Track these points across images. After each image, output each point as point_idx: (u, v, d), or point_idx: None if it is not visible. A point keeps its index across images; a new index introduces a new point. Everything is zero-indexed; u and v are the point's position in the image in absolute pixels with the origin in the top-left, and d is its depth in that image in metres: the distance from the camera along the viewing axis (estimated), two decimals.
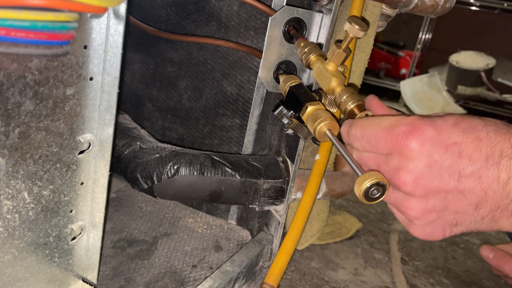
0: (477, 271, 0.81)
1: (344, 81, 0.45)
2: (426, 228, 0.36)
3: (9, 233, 0.37)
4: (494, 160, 0.32)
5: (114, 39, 0.39)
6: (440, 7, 0.63)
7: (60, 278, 0.45)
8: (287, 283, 0.67)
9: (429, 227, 0.36)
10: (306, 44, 0.50)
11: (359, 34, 0.41)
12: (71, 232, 0.44)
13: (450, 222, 0.35)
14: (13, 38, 0.27)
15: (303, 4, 0.56)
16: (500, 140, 0.32)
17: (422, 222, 0.36)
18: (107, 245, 0.60)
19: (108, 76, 0.40)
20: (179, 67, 0.70)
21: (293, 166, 0.60)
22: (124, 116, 0.72)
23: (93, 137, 0.42)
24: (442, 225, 0.35)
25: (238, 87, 0.65)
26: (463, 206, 0.33)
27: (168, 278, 0.56)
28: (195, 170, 0.56)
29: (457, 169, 0.33)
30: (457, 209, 0.34)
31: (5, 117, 0.32)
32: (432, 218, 0.35)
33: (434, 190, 0.34)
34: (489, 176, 0.32)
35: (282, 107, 0.47)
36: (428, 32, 2.87)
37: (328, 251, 0.78)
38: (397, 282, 0.73)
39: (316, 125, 0.41)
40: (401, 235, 0.90)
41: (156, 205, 0.73)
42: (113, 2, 0.34)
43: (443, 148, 0.33)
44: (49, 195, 0.40)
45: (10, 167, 0.35)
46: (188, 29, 0.67)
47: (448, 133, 0.33)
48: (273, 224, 0.66)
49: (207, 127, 0.70)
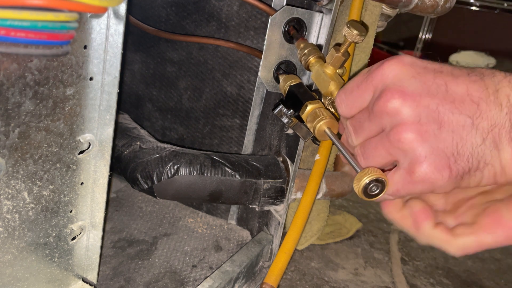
0: (477, 271, 0.81)
1: (342, 84, 0.45)
2: (429, 161, 0.30)
3: (9, 233, 0.37)
4: (475, 75, 0.31)
5: (114, 39, 0.39)
6: (440, 7, 0.63)
7: (60, 278, 0.45)
8: (287, 283, 0.67)
9: (432, 157, 0.30)
10: (305, 46, 0.50)
11: (357, 39, 0.41)
12: (71, 232, 0.44)
13: (451, 147, 0.30)
14: (13, 38, 0.27)
15: (303, 4, 0.56)
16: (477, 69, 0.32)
17: (423, 150, 0.30)
18: (107, 245, 0.60)
19: (108, 76, 0.40)
20: (179, 67, 0.70)
21: (293, 166, 0.60)
22: (124, 116, 0.72)
23: (93, 137, 0.42)
24: (444, 153, 0.30)
25: (238, 87, 0.65)
26: (458, 121, 0.30)
27: (168, 278, 0.56)
28: (195, 170, 0.56)
29: (442, 81, 0.31)
30: (453, 127, 0.30)
31: (5, 117, 0.32)
32: (431, 141, 0.30)
33: (424, 104, 0.31)
34: (476, 87, 0.30)
35: (282, 106, 0.47)
36: (428, 32, 2.87)
37: (328, 251, 0.78)
38: (397, 282, 0.73)
39: (316, 124, 0.41)
40: (401, 235, 0.90)
41: (156, 205, 0.73)
42: (113, 2, 0.34)
43: (422, 68, 0.32)
44: (49, 195, 0.40)
45: (10, 167, 0.35)
46: (188, 29, 0.67)
47: (425, 61, 0.33)
48: (273, 224, 0.66)
49: (207, 127, 0.70)
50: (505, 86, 0.30)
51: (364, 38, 0.41)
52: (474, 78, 0.31)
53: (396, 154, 0.32)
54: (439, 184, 0.31)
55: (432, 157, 0.30)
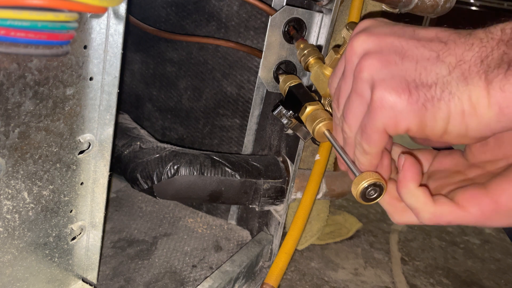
0: (477, 271, 0.81)
1: None
2: (386, 83, 0.29)
3: (9, 233, 0.37)
4: (443, 28, 0.30)
5: (114, 39, 0.39)
6: (440, 7, 0.63)
7: (60, 278, 0.45)
8: (287, 283, 0.67)
9: (390, 81, 0.29)
10: (305, 46, 0.50)
11: None
12: (71, 232, 0.44)
13: (413, 75, 0.29)
14: (13, 38, 0.27)
15: (303, 4, 0.56)
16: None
17: (381, 75, 0.29)
18: (107, 245, 0.60)
19: (108, 76, 0.40)
20: (179, 67, 0.70)
21: (293, 166, 0.60)
22: (124, 116, 0.72)
23: (93, 137, 0.42)
24: (405, 79, 0.29)
25: (238, 87, 0.65)
26: (423, 54, 0.29)
27: (168, 278, 0.56)
28: (195, 170, 0.56)
29: (411, 28, 0.31)
30: (417, 59, 0.29)
31: (5, 117, 0.32)
32: (391, 68, 0.29)
33: (388, 41, 0.30)
34: (447, 32, 0.29)
35: (282, 107, 0.47)
36: None
37: (328, 251, 0.78)
38: (397, 282, 0.73)
39: (315, 125, 0.41)
40: (401, 235, 0.90)
41: (156, 205, 0.73)
42: (113, 2, 0.34)
43: (391, 23, 0.32)
44: (49, 195, 0.40)
45: (10, 167, 0.35)
46: (188, 29, 0.67)
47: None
48: (273, 224, 0.66)
49: (207, 127, 0.70)
50: (480, 32, 0.28)
51: None
52: (446, 28, 0.30)
53: (361, 89, 0.31)
54: (399, 108, 0.29)
55: (390, 81, 0.29)
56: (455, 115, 0.28)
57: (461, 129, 0.28)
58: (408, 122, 0.29)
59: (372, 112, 0.30)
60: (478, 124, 0.27)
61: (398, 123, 0.29)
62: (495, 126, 0.27)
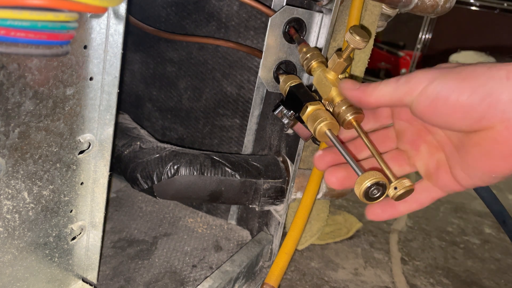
0: (477, 271, 0.81)
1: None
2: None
3: (9, 233, 0.37)
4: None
5: (114, 39, 0.39)
6: (440, 7, 0.63)
7: (60, 278, 0.45)
8: (287, 283, 0.67)
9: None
10: (308, 50, 0.49)
11: (360, 45, 0.41)
12: (71, 232, 0.44)
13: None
14: (13, 38, 0.27)
15: (303, 4, 0.56)
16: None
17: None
18: (107, 245, 0.60)
19: (108, 76, 0.40)
20: (179, 67, 0.70)
21: (293, 166, 0.60)
22: (124, 116, 0.72)
23: (93, 137, 0.42)
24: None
25: (238, 87, 0.65)
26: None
27: (168, 278, 0.56)
28: (195, 170, 0.56)
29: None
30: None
31: (5, 117, 0.32)
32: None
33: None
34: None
35: (282, 107, 0.47)
36: (428, 32, 2.87)
37: (328, 251, 0.78)
38: (397, 282, 0.73)
39: (316, 125, 0.41)
40: (401, 235, 0.90)
41: (156, 205, 0.73)
42: (113, 2, 0.34)
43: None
44: (49, 195, 0.40)
45: (10, 167, 0.35)
46: (188, 29, 0.67)
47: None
48: (273, 224, 0.66)
49: (207, 127, 0.70)
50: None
51: (367, 44, 0.41)
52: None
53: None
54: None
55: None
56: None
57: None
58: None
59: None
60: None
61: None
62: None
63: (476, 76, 0.28)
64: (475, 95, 0.28)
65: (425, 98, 0.30)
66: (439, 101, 0.30)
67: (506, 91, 0.27)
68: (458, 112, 0.29)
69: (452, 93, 0.29)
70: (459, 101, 0.28)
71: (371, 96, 0.35)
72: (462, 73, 0.29)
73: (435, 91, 0.30)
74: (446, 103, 0.29)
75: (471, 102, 0.28)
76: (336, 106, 0.41)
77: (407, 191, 0.34)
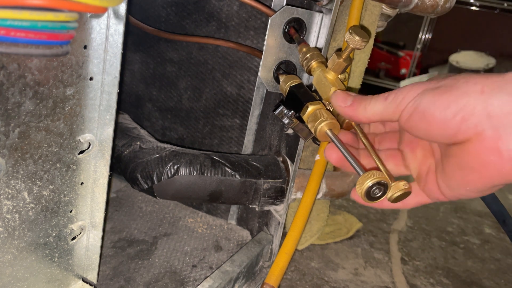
0: (477, 271, 0.81)
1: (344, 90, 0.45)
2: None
3: (9, 233, 0.37)
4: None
5: (114, 39, 0.39)
6: (440, 7, 0.63)
7: (60, 278, 0.45)
8: (287, 283, 0.67)
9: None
10: (308, 50, 0.49)
11: (359, 45, 0.41)
12: (71, 232, 0.44)
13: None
14: (13, 38, 0.27)
15: (303, 4, 0.56)
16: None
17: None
18: (107, 245, 0.60)
19: (108, 76, 0.40)
20: (179, 67, 0.70)
21: (293, 166, 0.60)
22: (124, 116, 0.72)
23: (93, 137, 0.42)
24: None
25: (238, 87, 0.65)
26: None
27: (168, 278, 0.56)
28: (195, 170, 0.56)
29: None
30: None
31: (5, 117, 0.32)
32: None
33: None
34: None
35: (283, 107, 0.47)
36: (428, 32, 2.87)
37: (328, 251, 0.78)
38: (397, 282, 0.73)
39: (317, 125, 0.41)
40: (401, 235, 0.90)
41: (156, 205, 0.73)
42: (113, 2, 0.34)
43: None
44: (49, 195, 0.40)
45: (10, 167, 0.35)
46: (188, 29, 0.67)
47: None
48: (273, 224, 0.66)
49: (207, 127, 0.70)
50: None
51: (367, 44, 0.41)
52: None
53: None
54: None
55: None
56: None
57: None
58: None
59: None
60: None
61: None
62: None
63: (452, 91, 0.29)
64: (448, 110, 0.29)
65: (406, 113, 0.32)
66: (417, 116, 0.31)
67: (479, 105, 0.27)
68: (434, 127, 0.30)
69: (428, 109, 0.30)
70: (434, 116, 0.30)
71: (362, 115, 0.36)
72: (441, 88, 0.30)
73: (413, 106, 0.31)
74: (423, 118, 0.30)
75: (444, 117, 0.29)
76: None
77: (404, 193, 0.34)
